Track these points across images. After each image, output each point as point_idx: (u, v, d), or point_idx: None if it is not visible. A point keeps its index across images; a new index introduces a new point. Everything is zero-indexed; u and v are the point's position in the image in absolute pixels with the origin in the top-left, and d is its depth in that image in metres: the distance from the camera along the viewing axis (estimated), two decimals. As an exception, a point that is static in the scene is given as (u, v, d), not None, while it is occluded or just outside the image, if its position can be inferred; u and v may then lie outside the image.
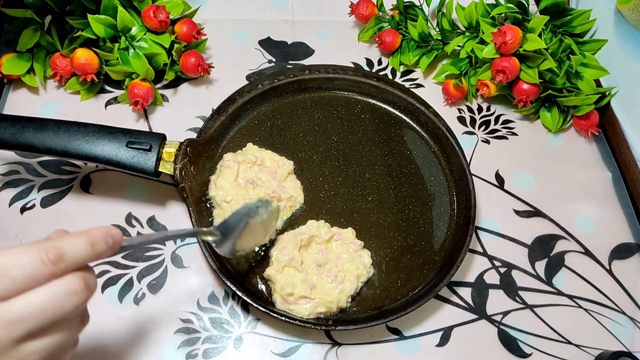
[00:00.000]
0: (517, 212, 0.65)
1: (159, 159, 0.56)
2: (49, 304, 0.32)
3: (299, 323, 0.53)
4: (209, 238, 0.50)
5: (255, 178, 0.61)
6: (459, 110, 0.73)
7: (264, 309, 0.53)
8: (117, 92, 0.70)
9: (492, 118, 0.72)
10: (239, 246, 0.52)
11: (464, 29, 0.74)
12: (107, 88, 0.70)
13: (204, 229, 0.52)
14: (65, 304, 0.33)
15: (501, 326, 0.58)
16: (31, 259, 0.32)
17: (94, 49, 0.66)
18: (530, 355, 0.57)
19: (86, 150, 0.55)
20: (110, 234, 0.36)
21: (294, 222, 0.60)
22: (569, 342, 0.58)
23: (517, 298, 0.60)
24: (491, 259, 0.62)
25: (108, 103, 0.69)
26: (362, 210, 0.62)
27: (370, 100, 0.70)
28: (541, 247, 0.63)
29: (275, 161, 0.63)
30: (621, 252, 0.63)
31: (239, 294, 0.53)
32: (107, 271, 0.58)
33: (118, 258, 0.59)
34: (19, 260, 0.32)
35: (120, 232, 0.37)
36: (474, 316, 0.59)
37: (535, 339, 0.58)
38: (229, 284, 0.53)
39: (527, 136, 0.71)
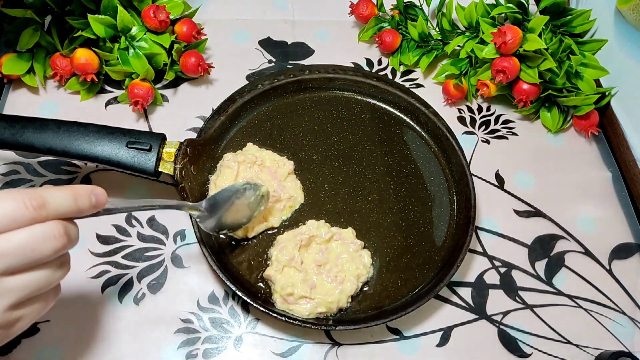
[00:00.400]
0: (517, 212, 0.65)
1: (159, 159, 0.56)
2: (28, 244, 0.34)
3: (299, 323, 0.53)
4: (194, 212, 0.52)
5: (255, 178, 0.61)
6: (459, 110, 0.73)
7: (264, 309, 0.53)
8: (117, 92, 0.70)
9: (492, 118, 0.72)
10: (223, 224, 0.55)
11: (464, 29, 0.74)
12: (107, 88, 0.70)
13: (190, 203, 0.53)
14: (43, 245, 0.35)
15: (501, 326, 0.58)
16: (14, 203, 0.34)
17: (94, 49, 0.66)
18: (530, 355, 0.57)
19: (86, 150, 0.55)
20: (95, 192, 0.38)
21: (294, 222, 0.60)
22: (569, 342, 0.58)
23: (517, 298, 0.60)
24: (491, 259, 0.62)
25: (108, 103, 0.69)
26: (362, 210, 0.62)
27: (370, 100, 0.70)
28: (541, 247, 0.63)
29: (275, 161, 0.63)
30: (621, 252, 0.63)
31: (239, 294, 0.53)
32: (107, 271, 0.58)
33: (118, 258, 0.59)
34: (2, 202, 0.34)
35: (105, 192, 0.39)
36: (474, 316, 0.59)
37: (535, 339, 0.58)
38: (229, 284, 0.53)
39: (527, 136, 0.71)
